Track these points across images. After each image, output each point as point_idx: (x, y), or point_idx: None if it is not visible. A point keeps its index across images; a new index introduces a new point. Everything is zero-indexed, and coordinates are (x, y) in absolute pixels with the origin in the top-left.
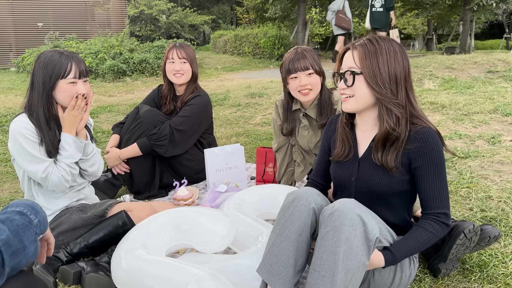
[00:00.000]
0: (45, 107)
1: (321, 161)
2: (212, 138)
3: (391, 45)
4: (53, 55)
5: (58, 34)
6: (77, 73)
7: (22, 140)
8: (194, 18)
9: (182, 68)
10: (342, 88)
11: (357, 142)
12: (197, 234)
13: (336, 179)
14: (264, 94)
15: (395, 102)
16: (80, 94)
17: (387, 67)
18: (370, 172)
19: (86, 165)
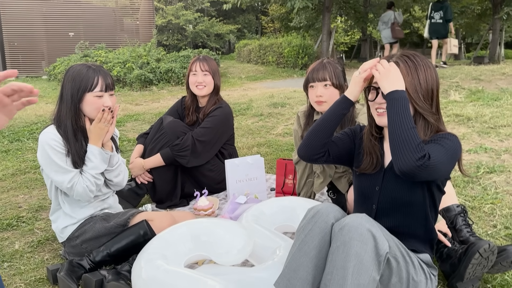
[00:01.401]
0: (73, 119)
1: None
2: (233, 149)
3: (426, 61)
4: (81, 69)
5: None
6: (103, 87)
7: (50, 151)
8: (220, 28)
9: (204, 80)
10: (380, 103)
11: (384, 152)
12: (215, 245)
13: (360, 189)
14: (287, 104)
15: (433, 115)
16: (106, 107)
17: (426, 82)
18: (394, 182)
19: (111, 176)
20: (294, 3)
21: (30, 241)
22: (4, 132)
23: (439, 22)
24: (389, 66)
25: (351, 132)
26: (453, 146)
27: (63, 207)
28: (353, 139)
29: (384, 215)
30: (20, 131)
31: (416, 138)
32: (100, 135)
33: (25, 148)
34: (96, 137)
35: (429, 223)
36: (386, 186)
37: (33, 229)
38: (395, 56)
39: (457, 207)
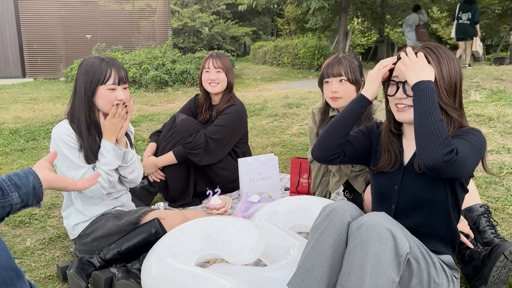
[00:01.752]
0: (86, 112)
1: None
2: (247, 147)
3: (449, 53)
4: (94, 62)
5: (105, 46)
6: (116, 79)
7: (62, 145)
8: (236, 30)
9: (217, 78)
10: (401, 98)
11: (403, 149)
12: (227, 244)
13: (378, 188)
14: (302, 105)
15: (457, 110)
16: (120, 102)
17: (449, 76)
18: (414, 180)
19: (125, 172)
20: (310, 3)
21: (42, 238)
22: (21, 131)
23: (467, 23)
24: (415, 56)
25: (367, 130)
26: (479, 142)
27: (76, 204)
28: (370, 137)
29: (403, 215)
30: (36, 130)
31: (444, 132)
32: (114, 131)
33: (41, 147)
34: (110, 132)
35: (451, 223)
36: (406, 184)
37: (45, 226)
38: (416, 47)
39: (480, 207)
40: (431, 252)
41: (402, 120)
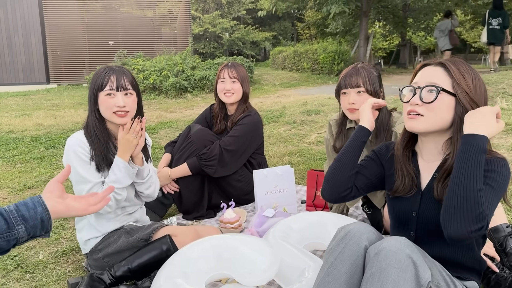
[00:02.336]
0: (95, 121)
1: (366, 166)
2: (263, 158)
3: (476, 71)
4: (99, 70)
5: (127, 52)
6: (114, 85)
7: (74, 157)
8: (256, 35)
9: (232, 88)
10: (415, 104)
11: (420, 172)
12: (239, 264)
13: (395, 213)
14: (321, 111)
15: None
16: (119, 108)
17: (479, 90)
18: (433, 206)
19: (142, 188)
20: (330, 8)
21: (55, 251)
22: (41, 138)
23: (497, 29)
24: (487, 108)
25: (376, 155)
26: (504, 182)
27: (89, 217)
28: (380, 162)
29: (423, 243)
30: (56, 137)
31: (480, 205)
32: (128, 147)
33: (60, 155)
34: (124, 149)
35: (475, 253)
36: (424, 211)
37: (59, 238)
38: (443, 60)
39: (506, 227)
40: (455, 278)
41: (411, 129)
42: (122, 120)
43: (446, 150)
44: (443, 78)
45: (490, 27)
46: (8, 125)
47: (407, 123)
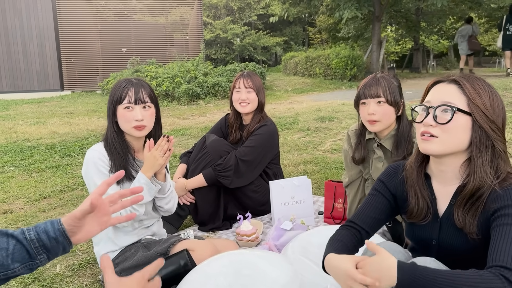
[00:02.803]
0: (114, 133)
1: (373, 204)
2: (278, 168)
3: (493, 89)
4: (118, 82)
5: (139, 59)
6: (132, 99)
7: (93, 169)
8: (267, 40)
9: (248, 97)
10: (428, 125)
11: (436, 197)
12: (258, 281)
13: (414, 239)
14: (335, 118)
15: (503, 143)
16: (137, 121)
17: (496, 108)
18: (453, 236)
19: (162, 203)
20: (342, 13)
21: (71, 264)
22: (56, 146)
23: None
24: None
25: (383, 184)
26: None
27: (106, 230)
28: (389, 191)
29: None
30: (71, 146)
31: (469, 284)
32: (153, 165)
33: (75, 164)
34: (149, 166)
35: None
36: (445, 240)
37: (75, 250)
38: (457, 75)
39: None
40: None
41: (426, 151)
42: (140, 133)
43: (464, 173)
44: (458, 96)
45: (508, 33)
46: (24, 133)
47: (421, 145)
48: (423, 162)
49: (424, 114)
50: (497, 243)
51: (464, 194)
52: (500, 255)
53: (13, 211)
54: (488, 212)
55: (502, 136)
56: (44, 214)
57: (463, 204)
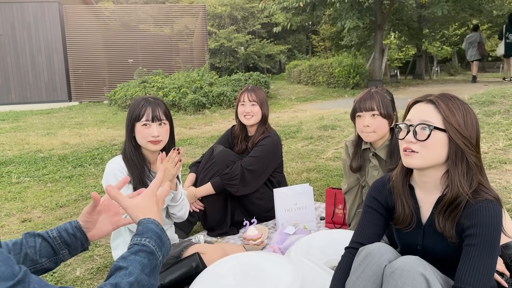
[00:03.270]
0: (132, 148)
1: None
2: (282, 176)
3: (467, 106)
4: (136, 101)
5: (146, 70)
6: (150, 117)
7: (112, 180)
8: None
9: (252, 110)
10: (409, 142)
11: (419, 206)
12: (264, 280)
13: (401, 244)
14: (337, 127)
15: (477, 157)
16: (153, 138)
17: (470, 124)
18: (436, 241)
19: (175, 210)
20: (344, 23)
21: (90, 267)
22: (68, 157)
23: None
24: None
25: (374, 200)
26: (493, 232)
27: (124, 235)
28: (381, 204)
29: None
30: (83, 156)
31: None
32: (166, 176)
33: (87, 174)
34: None
35: None
36: (428, 245)
37: (92, 255)
38: (434, 95)
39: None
40: None
41: (408, 165)
42: (156, 147)
43: (444, 184)
44: (434, 115)
45: (508, 41)
46: (36, 144)
47: (404, 159)
48: (407, 174)
49: (405, 132)
50: (464, 263)
51: (443, 202)
52: (466, 276)
53: (32, 219)
54: (463, 224)
55: (474, 150)
56: (61, 222)
57: (443, 211)
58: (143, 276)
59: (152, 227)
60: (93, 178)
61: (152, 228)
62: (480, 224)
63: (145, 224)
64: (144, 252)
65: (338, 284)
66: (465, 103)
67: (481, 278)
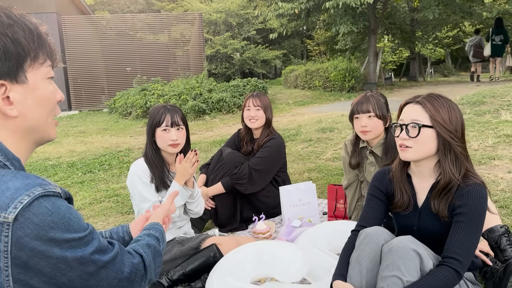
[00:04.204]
0: (153, 151)
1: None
2: (286, 175)
3: (451, 103)
4: (156, 108)
5: (145, 78)
6: (169, 122)
7: (137, 181)
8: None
9: (256, 115)
10: (403, 139)
11: (415, 192)
12: (277, 265)
13: (398, 226)
14: (335, 129)
15: (462, 147)
16: (173, 142)
17: (454, 119)
18: (430, 222)
19: (192, 206)
20: (339, 28)
21: None
22: (77, 164)
23: (499, 44)
24: None
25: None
26: (479, 212)
27: None
28: (382, 192)
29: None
30: (91, 163)
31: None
32: (184, 175)
33: (98, 179)
34: (181, 176)
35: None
36: (423, 225)
37: None
38: (421, 96)
39: (500, 228)
40: None
41: (404, 159)
42: (174, 150)
43: (437, 172)
44: (422, 114)
45: (493, 42)
46: (43, 152)
47: (400, 154)
48: (405, 165)
49: (399, 130)
50: (453, 236)
51: (438, 188)
52: (453, 247)
53: None
54: (454, 204)
55: (460, 141)
56: None
57: (438, 195)
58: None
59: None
60: (104, 183)
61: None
62: (468, 204)
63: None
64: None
65: (344, 259)
66: (450, 100)
67: (466, 249)
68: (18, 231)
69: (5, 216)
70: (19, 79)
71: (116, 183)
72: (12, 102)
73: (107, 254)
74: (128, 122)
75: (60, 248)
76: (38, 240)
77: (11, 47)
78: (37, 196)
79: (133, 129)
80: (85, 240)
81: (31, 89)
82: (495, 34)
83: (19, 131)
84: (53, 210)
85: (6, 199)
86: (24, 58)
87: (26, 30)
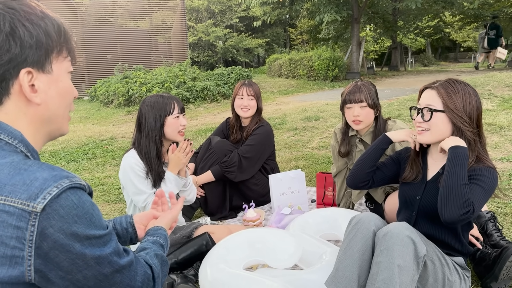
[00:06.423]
0: (158, 142)
1: (385, 164)
2: (275, 163)
3: (467, 88)
4: (157, 99)
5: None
6: (179, 109)
7: (131, 173)
8: (249, 42)
9: (249, 104)
10: (419, 122)
11: (427, 167)
12: (269, 251)
13: (402, 196)
14: (320, 118)
15: (473, 132)
16: (183, 127)
17: (463, 108)
18: (434, 194)
19: (185, 194)
20: (323, 17)
21: None
22: (60, 153)
23: (494, 38)
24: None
25: (397, 157)
26: (492, 185)
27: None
28: (399, 162)
29: (422, 222)
30: (74, 152)
31: (465, 195)
32: (177, 164)
33: (82, 168)
34: (174, 165)
35: (460, 237)
36: (426, 197)
37: None
38: (439, 82)
39: (487, 214)
40: (445, 255)
41: (421, 141)
42: (182, 137)
43: None
44: (436, 99)
45: (489, 36)
46: None
47: (418, 137)
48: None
49: (416, 114)
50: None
51: None
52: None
53: None
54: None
55: (470, 126)
56: None
57: None
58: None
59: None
60: (88, 172)
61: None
62: (482, 174)
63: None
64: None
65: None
66: (467, 85)
67: (477, 200)
68: (44, 222)
69: (34, 206)
70: (45, 69)
71: (101, 172)
72: (37, 90)
73: (123, 258)
74: (110, 111)
75: (81, 245)
76: (61, 233)
77: (43, 37)
78: (65, 188)
79: (116, 117)
80: (104, 239)
81: (55, 80)
82: (490, 29)
83: (38, 121)
84: (78, 204)
85: (35, 189)
86: (52, 49)
87: (55, 24)
